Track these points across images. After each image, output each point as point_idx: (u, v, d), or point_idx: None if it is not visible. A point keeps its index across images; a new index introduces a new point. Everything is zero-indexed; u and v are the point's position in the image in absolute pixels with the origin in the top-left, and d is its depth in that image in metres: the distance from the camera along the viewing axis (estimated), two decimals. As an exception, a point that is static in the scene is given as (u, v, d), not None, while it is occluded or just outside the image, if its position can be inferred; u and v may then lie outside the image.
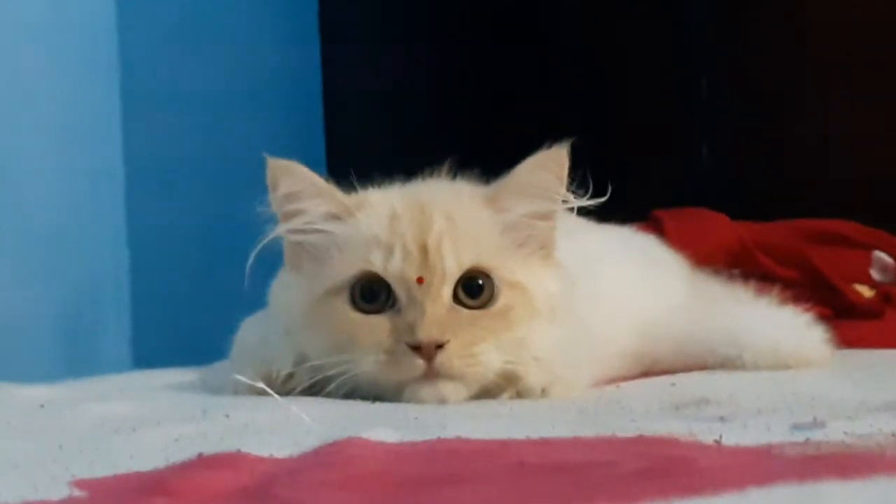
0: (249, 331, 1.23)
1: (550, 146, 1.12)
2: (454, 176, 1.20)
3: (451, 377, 1.06)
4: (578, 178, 1.13)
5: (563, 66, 2.25)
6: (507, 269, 1.11)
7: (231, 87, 2.41)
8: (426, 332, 1.05)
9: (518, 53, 2.28)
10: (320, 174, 1.15)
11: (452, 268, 1.09)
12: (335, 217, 1.13)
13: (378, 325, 1.08)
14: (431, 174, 1.21)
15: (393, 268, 1.09)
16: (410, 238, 1.09)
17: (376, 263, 1.09)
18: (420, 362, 1.05)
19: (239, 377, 1.12)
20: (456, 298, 1.09)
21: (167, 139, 2.34)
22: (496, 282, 1.10)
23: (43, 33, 2.13)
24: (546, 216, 1.14)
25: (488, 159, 1.16)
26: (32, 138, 2.07)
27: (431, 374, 1.06)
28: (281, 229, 1.14)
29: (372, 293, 1.09)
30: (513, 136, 1.76)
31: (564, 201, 1.13)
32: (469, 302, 1.09)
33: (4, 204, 1.99)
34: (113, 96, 2.30)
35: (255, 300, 1.21)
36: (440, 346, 1.05)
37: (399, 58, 2.39)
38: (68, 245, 2.14)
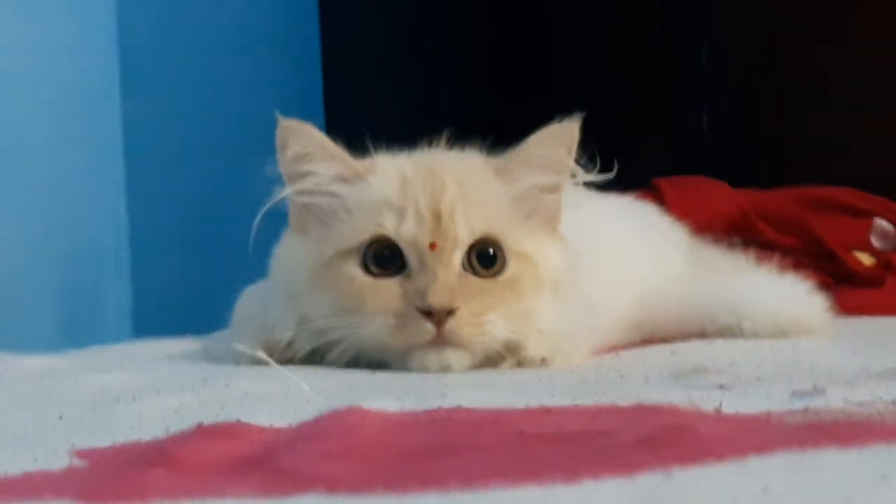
0: (250, 300, 1.23)
1: (561, 119, 1.12)
2: (453, 146, 1.20)
3: (458, 345, 1.06)
4: (586, 151, 1.13)
5: (562, 35, 2.24)
6: (516, 239, 1.11)
7: (230, 46, 2.41)
8: (438, 298, 1.05)
9: (518, 24, 2.27)
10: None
11: (465, 235, 1.08)
12: (345, 180, 1.13)
13: (388, 289, 1.07)
14: (430, 144, 1.20)
15: (406, 232, 1.08)
16: (423, 203, 1.09)
17: (389, 227, 1.09)
18: (430, 327, 1.05)
19: (239, 346, 1.11)
20: (465, 266, 1.09)
21: (166, 105, 2.34)
22: (506, 252, 1.10)
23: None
24: (554, 189, 1.14)
25: (488, 127, 1.16)
26: (32, 105, 2.06)
27: (439, 341, 1.06)
28: (289, 190, 1.13)
29: (383, 257, 1.09)
30: (513, 105, 1.76)
31: (573, 175, 1.13)
32: (479, 270, 1.09)
33: (4, 173, 1.99)
34: (111, 60, 2.29)
35: (256, 270, 1.21)
36: (450, 313, 1.05)
37: (399, 24, 2.39)
38: (68, 214, 2.14)
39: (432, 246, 1.08)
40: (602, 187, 1.23)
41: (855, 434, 0.64)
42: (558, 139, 1.13)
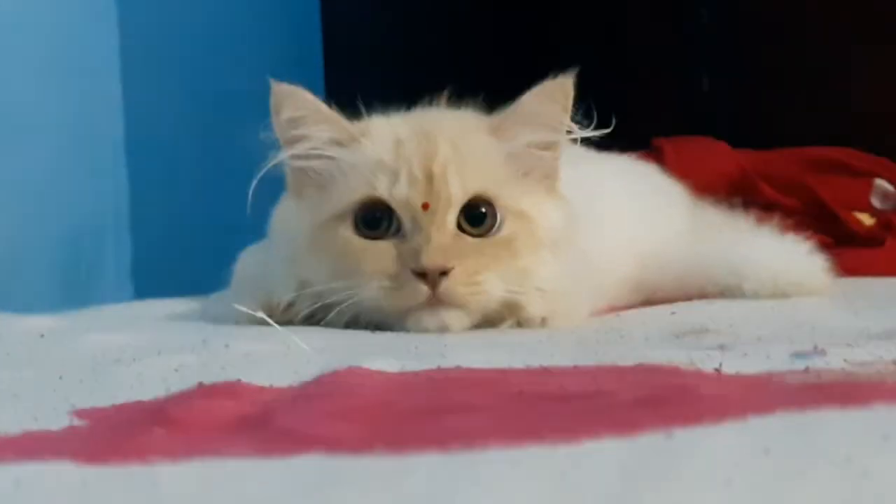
0: (249, 261, 1.23)
1: (556, 76, 1.12)
2: (455, 105, 1.19)
3: (454, 305, 1.06)
4: (581, 108, 1.12)
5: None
6: (512, 197, 1.11)
7: (229, 13, 2.40)
8: (431, 259, 1.05)
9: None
10: (319, 99, 1.15)
11: (458, 194, 1.08)
12: (339, 143, 1.13)
13: (382, 251, 1.07)
14: (431, 103, 1.20)
15: (398, 193, 1.08)
16: (416, 164, 1.09)
17: (381, 189, 1.09)
18: (424, 289, 1.05)
19: (239, 307, 1.11)
20: (460, 226, 1.09)
21: (166, 69, 2.33)
22: (500, 210, 1.10)
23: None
24: (550, 146, 1.14)
25: (488, 88, 1.15)
26: (31, 72, 2.06)
27: (435, 301, 1.05)
28: (284, 154, 1.13)
29: (376, 219, 1.09)
30: (512, 66, 1.75)
31: (569, 132, 1.13)
32: (473, 230, 1.09)
33: (3, 135, 1.98)
34: (111, 28, 2.28)
35: (255, 230, 1.21)
36: (444, 273, 1.05)
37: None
38: (68, 177, 2.14)
39: (425, 206, 1.07)
40: (602, 147, 1.23)
41: (856, 394, 0.64)
42: (552, 96, 1.12)
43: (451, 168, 1.09)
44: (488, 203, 1.10)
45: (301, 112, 1.12)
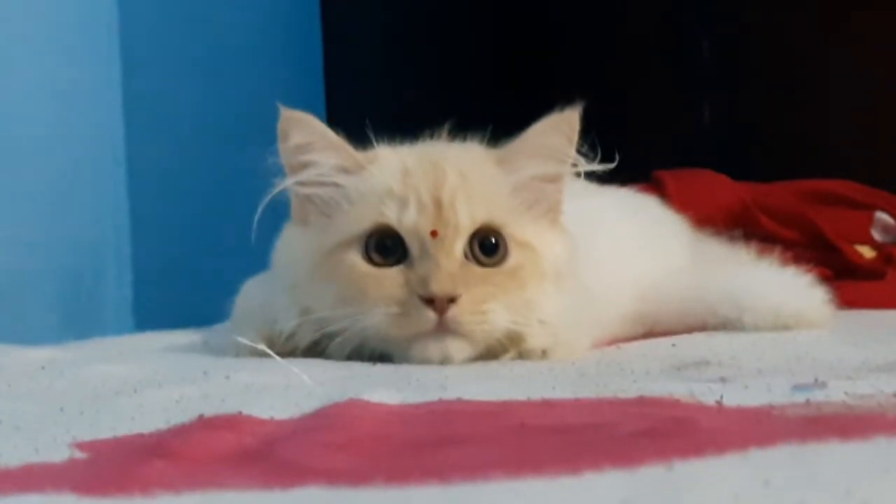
0: (251, 292, 1.23)
1: (562, 109, 1.12)
2: (454, 138, 1.20)
3: (459, 334, 1.06)
4: (586, 141, 1.13)
5: (563, 26, 2.24)
6: (518, 228, 1.11)
7: (232, 35, 2.41)
8: (440, 286, 1.05)
9: (519, 17, 2.27)
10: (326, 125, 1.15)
11: (466, 222, 1.08)
12: (346, 170, 1.13)
13: (390, 278, 1.07)
14: (432, 136, 1.21)
15: (407, 220, 1.08)
16: (424, 191, 1.09)
17: (390, 216, 1.09)
18: (432, 315, 1.05)
19: (240, 339, 1.12)
20: (467, 255, 1.09)
21: (168, 95, 2.33)
22: (507, 241, 1.10)
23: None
24: (555, 179, 1.14)
25: (485, 121, 1.16)
26: (32, 96, 2.06)
27: (442, 329, 1.05)
28: (291, 181, 1.13)
29: (385, 246, 1.09)
30: (512, 97, 1.76)
31: (574, 165, 1.13)
32: (481, 258, 1.09)
33: (4, 163, 1.98)
34: (113, 52, 2.28)
35: (258, 262, 1.21)
36: (452, 301, 1.05)
37: (401, 17, 2.39)
38: (69, 206, 2.14)
39: (434, 234, 1.08)
40: (603, 180, 1.23)
41: (857, 427, 0.64)
42: (559, 128, 1.13)
43: (460, 196, 1.09)
44: (497, 232, 1.10)
45: (309, 139, 1.13)
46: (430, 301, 1.05)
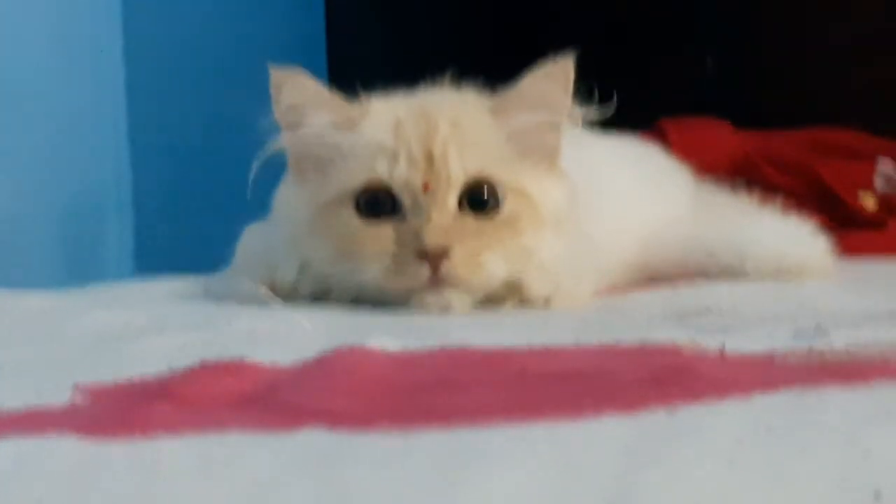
0: (252, 239, 1.23)
1: (556, 57, 1.12)
2: (457, 86, 1.19)
3: (456, 285, 1.06)
4: (584, 89, 1.12)
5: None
6: (513, 177, 1.11)
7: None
8: (432, 239, 1.05)
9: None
10: (321, 80, 1.15)
11: (458, 174, 1.08)
12: (339, 126, 1.13)
13: (383, 233, 1.07)
14: (433, 84, 1.20)
15: (398, 175, 1.08)
16: (416, 144, 1.09)
17: (381, 171, 1.09)
18: (425, 269, 1.05)
19: (242, 285, 1.12)
20: (461, 206, 1.08)
21: (168, 47, 2.33)
22: (502, 190, 1.10)
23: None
24: (551, 127, 1.14)
25: (490, 66, 1.15)
26: (32, 41, 2.05)
27: (437, 282, 1.05)
28: (284, 140, 1.13)
29: (377, 201, 1.09)
30: (515, 44, 1.75)
31: (570, 113, 1.13)
32: (474, 210, 1.09)
33: (5, 112, 1.98)
34: (114, 4, 2.27)
35: (259, 208, 1.21)
36: (446, 254, 1.05)
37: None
38: (70, 153, 2.14)
39: (425, 187, 1.07)
40: (605, 128, 1.22)
41: (858, 373, 0.64)
42: (552, 77, 1.12)
43: (452, 148, 1.09)
44: (489, 183, 1.10)
45: (301, 97, 1.12)
46: (423, 255, 1.05)
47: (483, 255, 1.07)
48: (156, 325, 0.99)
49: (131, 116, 2.27)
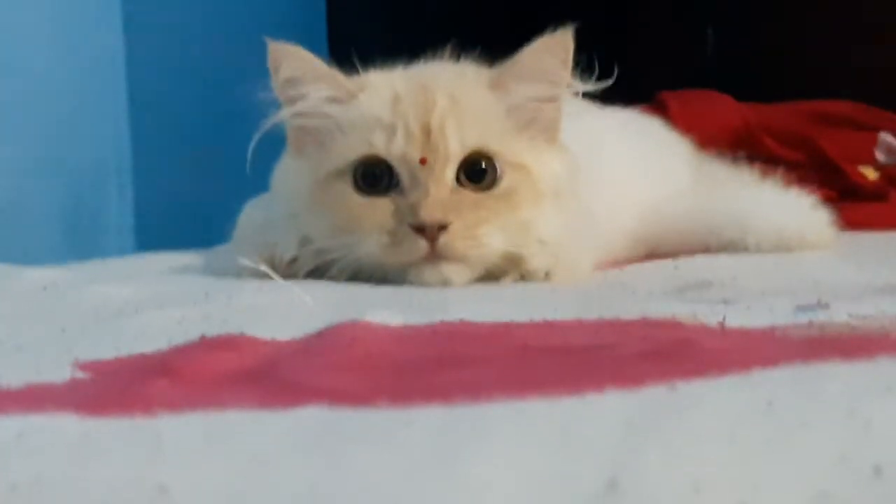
0: (252, 214, 1.23)
1: (555, 29, 1.11)
2: (458, 59, 1.19)
3: (454, 259, 1.06)
4: (584, 62, 1.12)
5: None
6: (511, 150, 1.10)
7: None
8: (429, 213, 1.04)
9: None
10: (322, 55, 1.14)
11: (455, 148, 1.08)
12: (337, 100, 1.12)
13: (381, 207, 1.07)
14: (434, 56, 1.20)
15: (395, 149, 1.08)
16: (413, 119, 1.08)
17: (378, 145, 1.08)
18: (423, 243, 1.05)
19: (242, 260, 1.11)
20: (459, 180, 1.08)
21: (169, 24, 2.32)
22: (500, 164, 1.10)
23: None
24: (551, 100, 1.13)
25: (490, 39, 1.14)
26: (33, 21, 2.05)
27: (434, 256, 1.05)
28: (283, 114, 1.13)
29: (374, 175, 1.09)
30: (515, 16, 1.74)
31: (569, 85, 1.12)
32: (472, 184, 1.09)
33: (5, 89, 1.97)
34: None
35: (258, 183, 1.21)
36: (443, 228, 1.05)
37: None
38: (70, 130, 2.13)
39: (423, 161, 1.07)
40: (606, 101, 1.22)
41: (859, 347, 0.64)
42: (551, 50, 1.12)
43: (449, 122, 1.09)
44: (487, 157, 1.09)
45: (299, 71, 1.12)
46: (420, 229, 1.05)
47: (481, 229, 1.07)
48: (156, 300, 0.99)
49: (131, 93, 2.27)
